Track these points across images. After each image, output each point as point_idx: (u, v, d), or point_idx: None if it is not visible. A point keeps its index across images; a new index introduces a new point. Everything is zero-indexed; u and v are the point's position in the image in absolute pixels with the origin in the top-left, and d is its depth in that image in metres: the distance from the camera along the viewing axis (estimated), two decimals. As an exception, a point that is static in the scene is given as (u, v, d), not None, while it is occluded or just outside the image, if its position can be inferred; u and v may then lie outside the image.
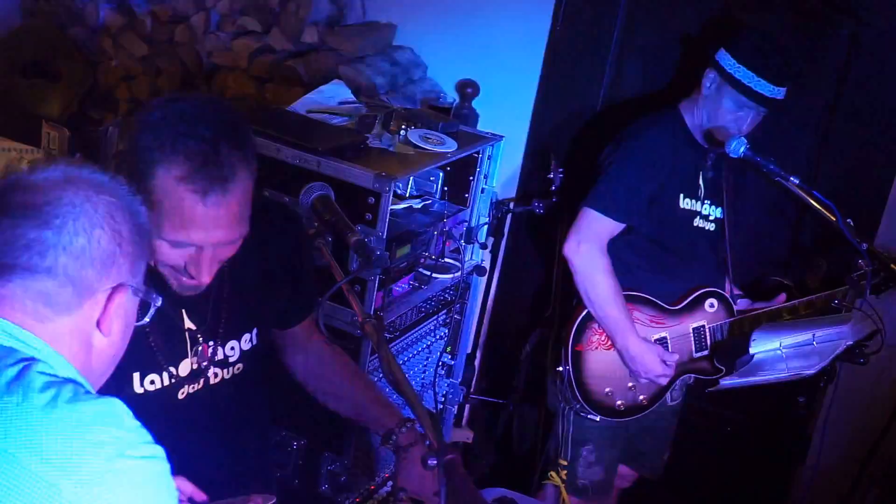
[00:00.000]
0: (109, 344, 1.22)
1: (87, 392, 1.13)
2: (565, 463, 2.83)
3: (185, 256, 1.54)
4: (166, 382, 1.69)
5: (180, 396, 1.72)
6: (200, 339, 1.73)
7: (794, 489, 3.19)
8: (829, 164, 2.96)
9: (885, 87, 2.87)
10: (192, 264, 1.54)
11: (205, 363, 1.73)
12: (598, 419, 2.75)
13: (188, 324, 1.71)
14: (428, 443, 1.54)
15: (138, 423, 1.12)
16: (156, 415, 1.62)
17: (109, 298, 1.18)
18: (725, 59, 2.56)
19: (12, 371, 1.08)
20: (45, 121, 3.00)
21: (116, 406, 1.11)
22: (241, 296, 1.77)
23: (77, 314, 1.16)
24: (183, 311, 1.70)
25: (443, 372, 3.04)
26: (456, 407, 3.17)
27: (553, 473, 2.86)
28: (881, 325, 2.62)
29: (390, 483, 2.64)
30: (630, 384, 2.74)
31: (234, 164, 1.47)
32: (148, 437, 1.12)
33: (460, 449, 3.22)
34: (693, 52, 3.05)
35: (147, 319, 1.30)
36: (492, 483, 2.66)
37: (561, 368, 2.72)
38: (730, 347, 2.76)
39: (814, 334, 2.59)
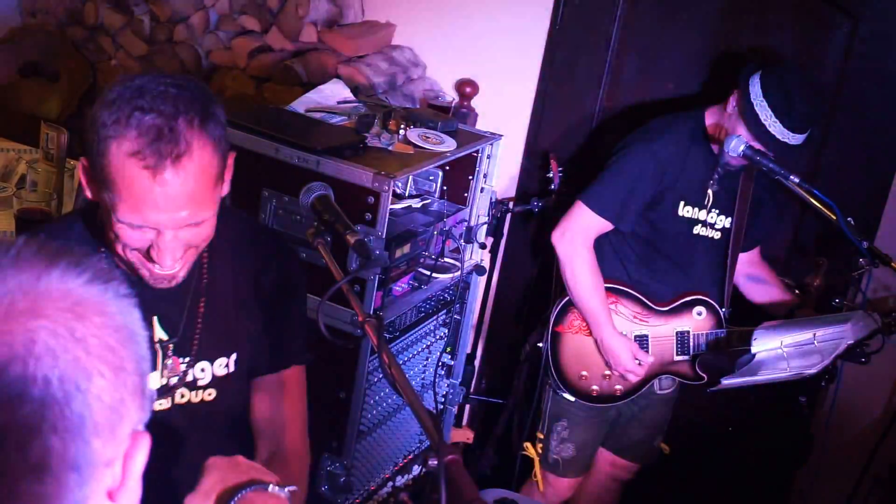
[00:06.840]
0: None
1: None
2: (541, 437, 2.88)
3: (146, 240, 1.44)
4: None
5: None
6: (170, 352, 1.60)
7: (796, 490, 3.18)
8: (830, 162, 2.95)
9: (885, 84, 2.87)
10: (154, 249, 1.44)
11: (174, 379, 1.61)
12: (572, 399, 2.80)
13: (159, 333, 1.60)
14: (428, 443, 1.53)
15: None
16: None
17: (125, 459, 0.79)
18: (754, 87, 2.49)
19: None
20: (43, 121, 2.99)
21: None
22: (219, 315, 1.64)
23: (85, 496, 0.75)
24: (155, 318, 1.58)
25: (443, 372, 3.03)
26: (456, 407, 3.16)
27: (529, 445, 2.89)
28: (882, 324, 2.61)
29: (390, 484, 2.64)
30: (606, 372, 2.77)
31: (192, 140, 1.37)
32: None
33: (460, 449, 3.21)
34: (693, 53, 3.05)
35: None
36: (492, 483, 2.66)
37: (541, 345, 2.78)
38: (714, 358, 2.76)
39: (815, 333, 2.58)
